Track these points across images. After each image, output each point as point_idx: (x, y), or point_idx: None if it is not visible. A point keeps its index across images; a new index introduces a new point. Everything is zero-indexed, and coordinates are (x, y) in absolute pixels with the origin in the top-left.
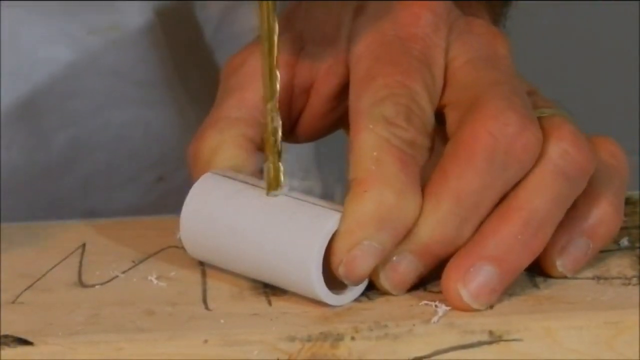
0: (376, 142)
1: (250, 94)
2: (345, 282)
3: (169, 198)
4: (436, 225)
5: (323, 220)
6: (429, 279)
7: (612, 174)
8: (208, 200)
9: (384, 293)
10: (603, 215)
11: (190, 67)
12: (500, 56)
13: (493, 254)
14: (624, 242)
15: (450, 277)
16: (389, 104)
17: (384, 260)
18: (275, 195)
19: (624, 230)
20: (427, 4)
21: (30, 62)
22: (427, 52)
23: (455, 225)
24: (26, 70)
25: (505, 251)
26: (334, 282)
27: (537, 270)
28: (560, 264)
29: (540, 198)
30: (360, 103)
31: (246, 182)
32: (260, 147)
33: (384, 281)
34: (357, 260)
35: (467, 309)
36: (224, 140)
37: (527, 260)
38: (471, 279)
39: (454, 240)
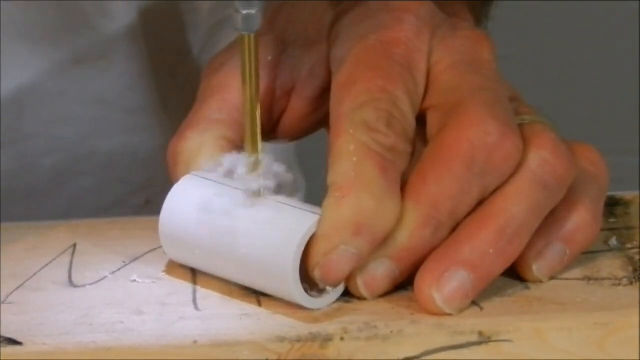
0: (356, 147)
1: (231, 95)
2: (321, 285)
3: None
4: (414, 230)
5: (301, 223)
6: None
7: (591, 181)
8: (186, 205)
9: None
10: (581, 222)
11: (171, 91)
12: (484, 61)
13: (468, 260)
14: (614, 242)
15: (424, 280)
16: (369, 109)
17: (361, 266)
18: (256, 196)
19: (614, 231)
20: (410, 7)
21: (16, 88)
22: (409, 57)
23: (432, 229)
24: (12, 96)
25: (481, 257)
26: (315, 285)
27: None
28: (537, 269)
29: (517, 206)
30: (341, 108)
31: (226, 185)
32: (240, 149)
33: (361, 287)
34: (333, 264)
35: (438, 312)
36: (205, 141)
37: (501, 267)
38: (445, 284)
39: (430, 244)
